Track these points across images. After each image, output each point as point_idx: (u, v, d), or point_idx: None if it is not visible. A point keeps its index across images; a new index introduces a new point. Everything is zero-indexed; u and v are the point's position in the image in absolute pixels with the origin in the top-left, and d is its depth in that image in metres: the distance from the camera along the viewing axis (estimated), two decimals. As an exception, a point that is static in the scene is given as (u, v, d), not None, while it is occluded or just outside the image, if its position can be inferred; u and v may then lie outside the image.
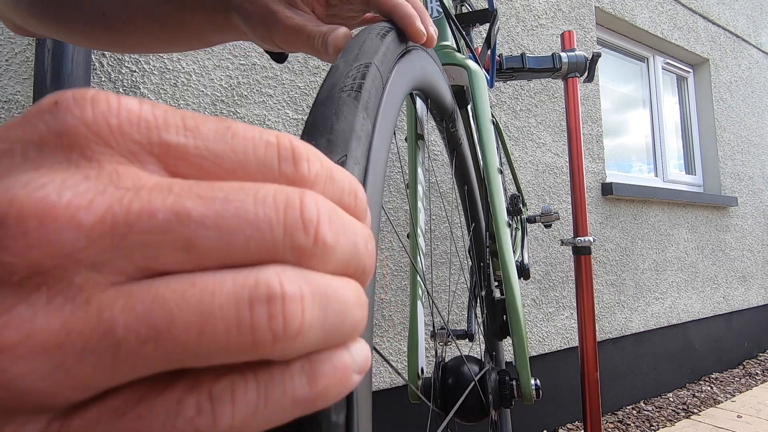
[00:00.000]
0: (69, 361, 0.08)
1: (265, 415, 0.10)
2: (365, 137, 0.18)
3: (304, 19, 0.28)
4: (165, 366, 0.09)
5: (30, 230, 0.08)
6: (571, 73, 1.07)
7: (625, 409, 1.75)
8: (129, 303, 0.08)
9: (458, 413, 0.42)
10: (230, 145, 0.10)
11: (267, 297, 0.09)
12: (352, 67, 0.21)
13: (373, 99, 0.20)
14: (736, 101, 2.59)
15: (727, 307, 2.32)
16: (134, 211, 0.09)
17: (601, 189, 1.79)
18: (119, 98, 0.10)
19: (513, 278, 0.47)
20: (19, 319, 0.08)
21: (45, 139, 0.09)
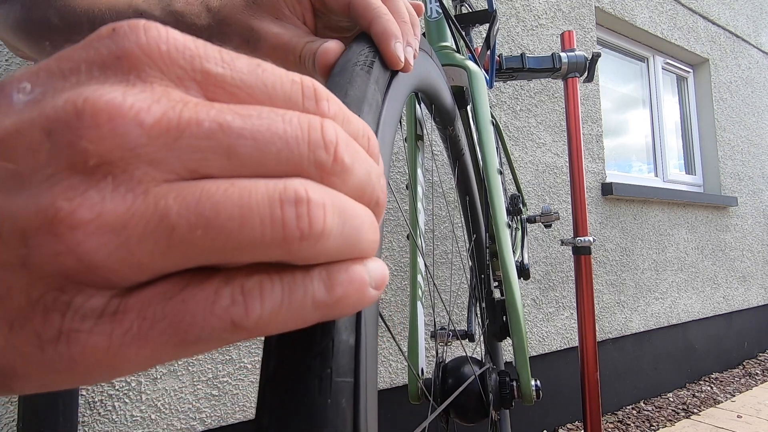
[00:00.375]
0: (131, 240, 0.09)
1: (289, 314, 0.11)
2: (376, 106, 0.19)
3: (293, 34, 0.25)
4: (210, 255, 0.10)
5: (102, 123, 0.09)
6: (571, 73, 1.07)
7: (625, 409, 1.75)
8: (181, 195, 0.10)
9: (459, 414, 0.42)
10: (261, 78, 0.12)
11: (295, 199, 0.10)
12: (364, 47, 0.21)
13: (381, 81, 0.20)
14: (736, 101, 2.59)
15: (727, 307, 2.32)
16: (185, 117, 0.10)
17: (601, 189, 1.79)
18: (167, 28, 0.11)
19: (513, 279, 0.47)
20: (90, 201, 0.09)
21: (106, 61, 0.10)
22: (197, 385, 0.90)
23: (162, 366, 0.87)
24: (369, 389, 0.15)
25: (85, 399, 0.79)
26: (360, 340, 0.15)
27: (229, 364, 0.94)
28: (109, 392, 0.81)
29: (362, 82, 0.19)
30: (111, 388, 0.82)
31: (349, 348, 0.14)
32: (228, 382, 0.93)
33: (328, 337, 0.14)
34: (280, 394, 0.13)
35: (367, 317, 0.15)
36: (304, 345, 0.13)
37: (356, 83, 0.19)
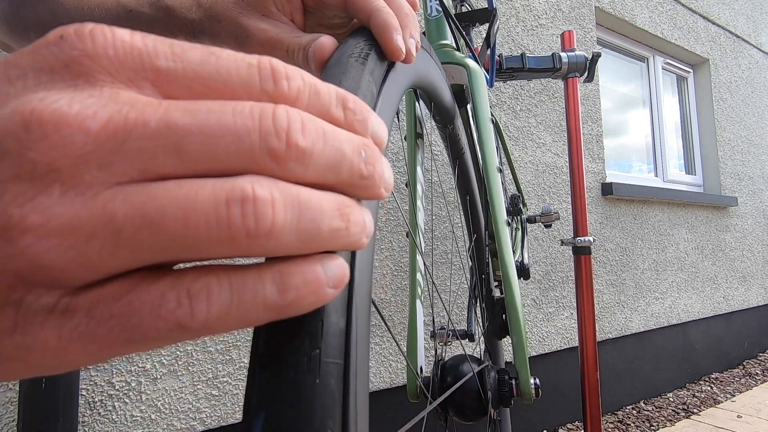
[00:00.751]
0: (80, 242, 0.10)
1: (239, 315, 0.11)
2: (370, 97, 0.19)
3: (280, 30, 0.25)
4: (158, 254, 0.10)
5: (49, 134, 0.10)
6: (571, 73, 1.07)
7: (625, 409, 1.75)
8: (129, 198, 0.10)
9: (457, 412, 0.42)
10: (215, 67, 0.12)
11: (241, 198, 0.10)
12: (360, 41, 0.21)
13: (377, 72, 0.20)
14: (736, 101, 2.59)
15: (727, 307, 2.31)
16: (131, 120, 0.10)
17: (601, 189, 1.79)
18: (113, 30, 0.11)
19: (512, 278, 0.47)
20: (41, 206, 0.09)
21: (54, 67, 0.11)
22: (197, 385, 0.90)
23: (162, 366, 0.86)
24: (359, 373, 0.15)
25: (85, 399, 0.79)
26: (351, 324, 0.15)
27: (229, 364, 0.94)
28: (109, 392, 0.81)
29: (356, 72, 0.19)
30: (111, 388, 0.82)
31: (339, 330, 0.14)
32: (228, 382, 0.93)
33: (318, 319, 0.14)
34: (269, 372, 0.13)
35: (359, 302, 0.15)
36: (293, 325, 0.14)
37: (350, 74, 0.19)
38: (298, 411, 0.13)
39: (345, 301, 0.15)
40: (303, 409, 0.13)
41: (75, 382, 0.74)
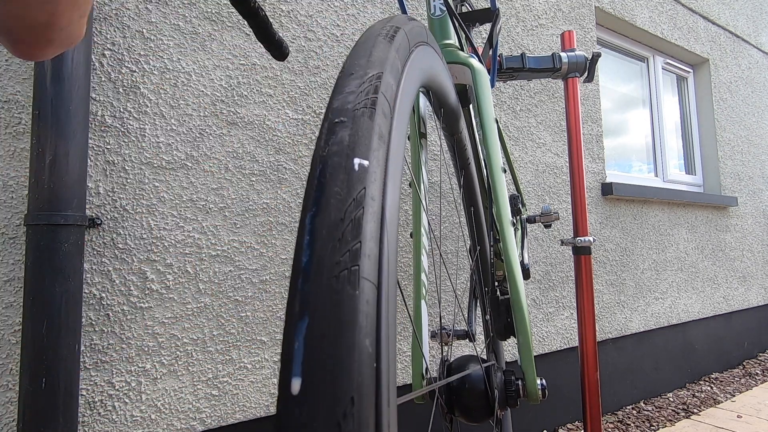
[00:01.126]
0: None
1: None
2: (398, 69, 0.21)
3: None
4: None
5: None
6: (571, 73, 1.07)
7: (625, 409, 1.75)
8: None
9: (464, 413, 0.42)
10: None
11: None
12: (386, 24, 0.24)
13: (402, 51, 0.23)
14: (736, 101, 2.60)
15: (727, 307, 2.32)
16: None
17: (601, 189, 1.79)
18: None
19: (518, 278, 0.47)
20: None
21: None
22: (197, 385, 0.89)
23: (162, 366, 0.86)
24: (390, 297, 0.16)
25: (85, 399, 0.79)
26: (382, 252, 0.16)
27: (229, 364, 0.93)
28: (109, 392, 0.81)
29: (385, 47, 0.21)
30: (111, 388, 0.81)
31: (375, 256, 0.16)
32: (228, 382, 0.93)
33: (356, 240, 0.15)
34: (312, 283, 0.14)
35: (389, 236, 0.17)
36: (334, 243, 0.15)
37: (379, 47, 0.21)
38: (340, 318, 0.14)
39: (378, 231, 0.16)
40: (344, 315, 0.14)
41: (75, 382, 0.74)
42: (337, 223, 0.16)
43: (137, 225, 0.86)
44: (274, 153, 1.03)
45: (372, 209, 0.16)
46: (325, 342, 0.14)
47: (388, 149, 0.19)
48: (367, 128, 0.18)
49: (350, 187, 0.16)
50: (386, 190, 0.18)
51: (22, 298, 0.75)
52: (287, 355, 0.14)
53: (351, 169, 0.17)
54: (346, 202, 0.16)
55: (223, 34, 0.98)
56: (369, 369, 0.14)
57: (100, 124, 0.84)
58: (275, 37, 0.37)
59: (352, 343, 0.14)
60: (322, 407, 0.13)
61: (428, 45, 0.27)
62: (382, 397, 0.15)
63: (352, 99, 0.19)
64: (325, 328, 0.14)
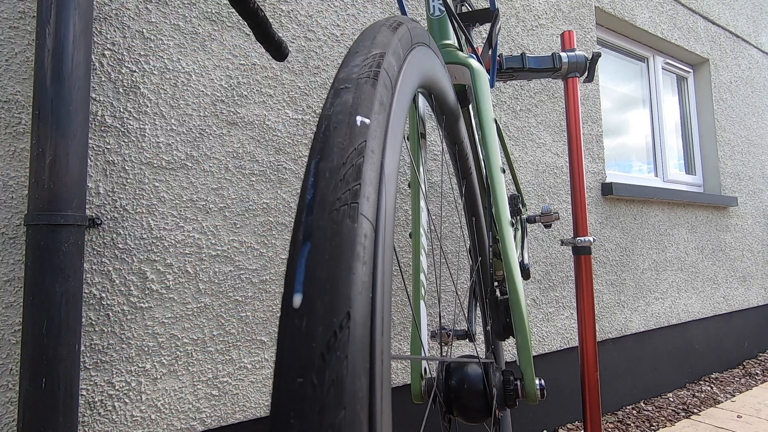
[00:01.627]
0: None
1: None
2: (399, 57, 0.22)
3: None
4: None
5: None
6: (571, 73, 1.07)
7: (625, 409, 1.75)
8: None
9: (462, 413, 0.42)
10: None
11: None
12: (390, 19, 0.26)
13: (405, 41, 0.24)
14: (736, 101, 2.60)
15: (727, 307, 2.32)
16: None
17: (601, 189, 1.79)
18: None
19: (517, 278, 0.47)
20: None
21: None
22: (197, 385, 0.89)
23: (162, 366, 0.86)
24: (386, 241, 0.17)
25: (85, 399, 0.79)
26: (381, 197, 0.17)
27: (229, 364, 0.94)
28: (109, 392, 0.81)
29: (388, 35, 0.22)
30: (111, 388, 0.81)
31: (374, 200, 0.17)
32: (228, 382, 0.93)
33: (357, 182, 0.16)
34: (314, 215, 0.16)
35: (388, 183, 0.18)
36: (336, 183, 0.16)
37: (382, 34, 0.22)
38: (339, 244, 0.15)
39: (377, 181, 0.17)
40: (343, 243, 0.15)
41: (75, 382, 0.74)
42: (339, 166, 0.17)
43: (137, 225, 0.86)
44: (274, 153, 1.03)
45: (372, 160, 0.18)
46: (324, 264, 0.15)
47: (388, 115, 0.20)
48: (369, 94, 0.19)
49: (352, 138, 0.18)
50: (386, 148, 0.19)
51: (22, 298, 0.75)
52: (290, 274, 0.15)
53: (353, 124, 0.18)
54: (348, 150, 0.17)
55: (223, 34, 0.98)
56: (365, 291, 0.15)
57: (100, 124, 0.84)
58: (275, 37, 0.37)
59: (349, 266, 0.15)
60: (321, 319, 0.14)
61: (428, 47, 0.28)
62: (376, 319, 0.16)
63: (356, 70, 0.20)
64: (325, 252, 0.15)
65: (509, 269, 0.47)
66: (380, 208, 0.17)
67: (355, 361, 0.14)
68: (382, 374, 0.16)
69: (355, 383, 0.14)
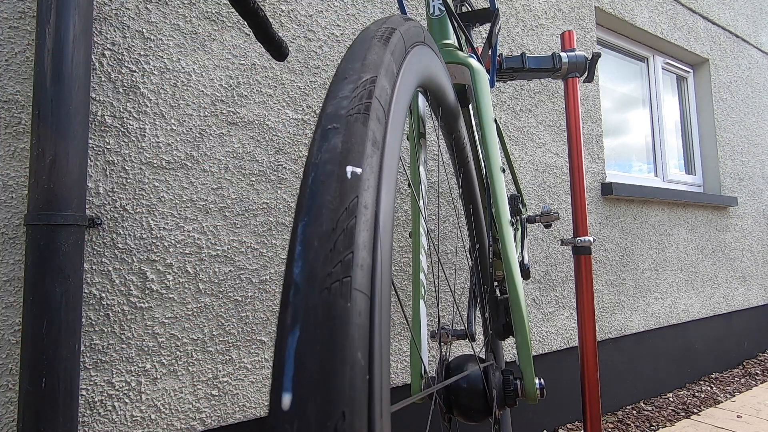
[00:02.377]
0: None
1: None
2: (393, 73, 0.21)
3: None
4: None
5: None
6: (571, 73, 1.07)
7: (625, 409, 1.75)
8: None
9: (462, 412, 0.42)
10: None
11: None
12: (381, 26, 0.24)
13: (398, 53, 0.23)
14: (736, 101, 2.60)
15: (726, 307, 2.32)
16: None
17: (601, 189, 1.79)
18: None
19: (516, 277, 0.47)
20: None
21: None
22: (197, 385, 0.89)
23: (162, 366, 0.86)
24: (383, 306, 0.16)
25: (85, 399, 0.79)
26: (376, 261, 0.16)
27: (229, 364, 0.94)
28: (109, 392, 0.81)
29: (380, 50, 0.21)
30: (111, 388, 0.81)
31: (367, 266, 0.16)
32: (228, 382, 0.93)
33: (349, 251, 0.15)
34: (303, 295, 0.14)
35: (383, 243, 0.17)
36: (325, 254, 0.15)
37: (374, 50, 0.21)
38: (331, 330, 0.14)
39: (371, 240, 0.16)
40: (336, 329, 0.14)
41: (75, 382, 0.74)
42: (329, 232, 0.15)
43: (137, 225, 0.86)
44: (274, 153, 1.03)
45: (365, 218, 0.16)
46: (315, 356, 0.14)
47: (382, 155, 0.19)
48: (361, 135, 0.18)
49: (342, 195, 0.16)
50: (380, 198, 0.18)
51: (22, 298, 0.75)
52: (278, 369, 0.14)
53: (343, 177, 0.17)
54: (338, 211, 0.16)
55: (223, 34, 0.98)
56: (361, 382, 0.14)
57: (100, 124, 0.84)
58: (275, 37, 0.37)
59: (343, 357, 0.14)
60: (313, 423, 0.13)
61: (425, 45, 0.27)
62: (375, 409, 0.14)
63: (346, 104, 0.19)
64: (316, 341, 0.14)
65: (509, 269, 0.47)
66: (375, 272, 0.16)
67: None
68: None
69: None
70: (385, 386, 0.16)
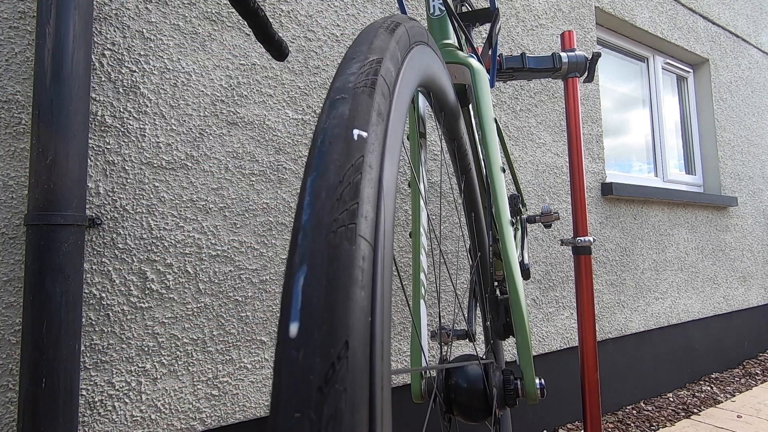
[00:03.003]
0: None
1: None
2: (397, 59, 0.22)
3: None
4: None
5: None
6: (571, 73, 1.07)
7: (625, 409, 1.75)
8: None
9: (462, 412, 0.42)
10: None
11: None
12: (387, 20, 0.25)
13: (402, 43, 0.24)
14: (736, 101, 2.60)
15: (727, 307, 2.32)
16: None
17: (601, 189, 1.79)
18: None
19: (517, 277, 0.47)
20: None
21: None
22: (197, 386, 0.89)
23: (162, 366, 0.86)
24: (386, 259, 0.17)
25: (85, 399, 0.79)
26: (379, 214, 0.17)
27: (229, 364, 0.94)
28: (109, 392, 0.81)
29: (386, 38, 0.22)
30: (111, 388, 0.81)
31: (372, 218, 0.16)
32: (228, 382, 0.93)
33: (354, 201, 0.16)
34: (310, 238, 0.15)
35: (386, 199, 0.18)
36: (332, 203, 0.16)
37: (381, 37, 0.22)
38: (336, 269, 0.15)
39: (376, 197, 0.17)
40: (341, 268, 0.15)
41: (75, 382, 0.74)
42: (336, 185, 0.16)
43: (137, 225, 0.86)
44: (274, 153, 1.03)
45: (370, 176, 0.17)
46: (321, 290, 0.14)
47: (386, 126, 0.19)
48: (367, 104, 0.19)
49: (349, 154, 0.17)
50: (384, 162, 0.18)
51: (22, 298, 0.75)
52: (286, 301, 0.15)
53: (350, 138, 0.18)
54: (344, 167, 0.17)
55: (223, 34, 0.98)
56: (363, 318, 0.15)
57: (100, 124, 0.84)
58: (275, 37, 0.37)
59: (346, 292, 0.14)
60: (318, 349, 0.14)
61: (427, 45, 0.27)
62: (375, 346, 0.15)
63: (353, 79, 0.20)
64: (321, 277, 0.14)
65: (509, 269, 0.47)
66: (379, 226, 0.17)
67: (354, 394, 0.14)
68: (382, 404, 0.15)
69: (355, 417, 0.14)
70: (386, 320, 0.16)
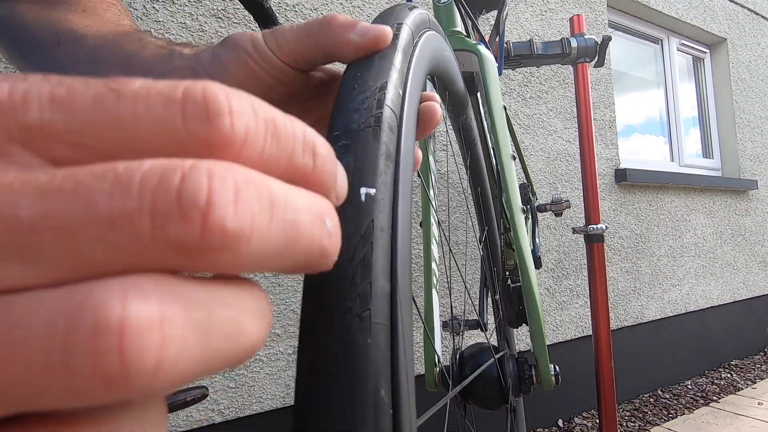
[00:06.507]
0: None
1: None
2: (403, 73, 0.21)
3: None
4: None
5: None
6: (580, 58, 1.05)
7: (642, 397, 1.74)
8: None
9: (477, 400, 0.42)
10: (113, 110, 0.08)
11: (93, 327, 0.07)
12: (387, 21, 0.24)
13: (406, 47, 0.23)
14: (756, 81, 2.51)
15: (747, 292, 2.27)
16: None
17: (615, 175, 1.76)
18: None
19: (529, 264, 0.47)
20: None
21: None
22: (214, 378, 0.91)
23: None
24: (405, 335, 0.15)
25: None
26: (395, 287, 0.15)
27: (245, 357, 0.95)
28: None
29: (389, 51, 0.20)
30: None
31: (386, 293, 0.15)
32: (244, 374, 0.95)
33: (366, 282, 0.14)
34: (321, 334, 0.14)
35: (401, 268, 0.16)
36: (343, 288, 0.14)
37: (383, 51, 0.20)
38: (353, 371, 0.13)
39: (388, 266, 0.15)
40: (357, 368, 0.13)
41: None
42: (346, 264, 0.15)
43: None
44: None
45: (382, 242, 0.16)
46: (337, 398, 0.13)
47: (396, 168, 0.18)
48: (373, 150, 0.17)
49: (358, 222, 0.15)
50: (396, 216, 0.17)
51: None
52: (299, 413, 0.13)
53: (358, 200, 0.16)
54: (353, 239, 0.15)
55: (230, 31, 0.98)
56: (385, 417, 0.13)
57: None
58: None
59: (365, 397, 0.13)
60: None
61: (431, 29, 0.27)
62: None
63: (356, 117, 0.18)
64: (335, 381, 0.13)
65: (521, 256, 0.47)
66: (395, 299, 0.15)
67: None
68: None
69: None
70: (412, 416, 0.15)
